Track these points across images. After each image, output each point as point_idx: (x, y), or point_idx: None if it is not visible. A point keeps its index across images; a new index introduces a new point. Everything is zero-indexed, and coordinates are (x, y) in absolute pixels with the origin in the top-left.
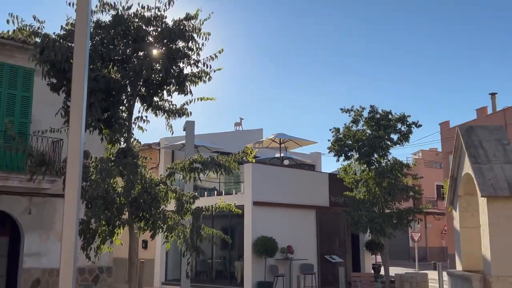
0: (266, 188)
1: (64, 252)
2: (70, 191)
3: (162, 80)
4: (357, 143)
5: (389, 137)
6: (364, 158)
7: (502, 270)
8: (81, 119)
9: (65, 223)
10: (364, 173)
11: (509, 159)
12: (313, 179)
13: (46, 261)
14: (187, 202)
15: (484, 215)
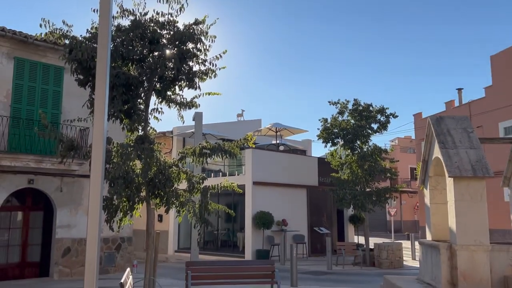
0: (264, 170)
1: (90, 224)
2: (95, 172)
3: (174, 77)
4: (342, 131)
5: (370, 126)
6: (348, 144)
7: (465, 240)
8: (104, 110)
9: (91, 200)
10: (348, 157)
11: (473, 145)
12: (304, 162)
13: (75, 232)
14: (197, 182)
15: (451, 193)
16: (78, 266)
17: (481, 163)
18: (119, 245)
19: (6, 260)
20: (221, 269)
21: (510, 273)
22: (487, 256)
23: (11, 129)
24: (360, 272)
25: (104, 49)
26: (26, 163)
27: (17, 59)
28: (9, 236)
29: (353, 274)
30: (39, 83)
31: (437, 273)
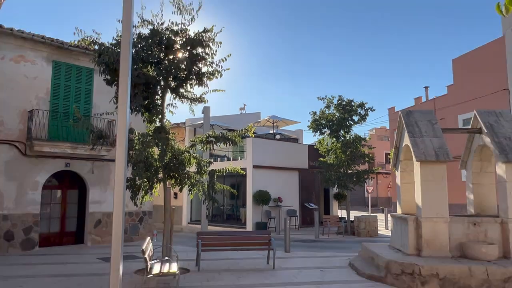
0: (262, 156)
1: (116, 200)
2: (119, 157)
3: (186, 77)
4: (328, 122)
5: (351, 119)
6: (334, 133)
7: (429, 213)
8: (126, 105)
9: (116, 180)
10: (334, 144)
11: (436, 134)
12: (297, 149)
13: (105, 207)
14: (205, 165)
15: (417, 174)
16: (107, 235)
17: (443, 149)
18: (141, 218)
19: (48, 230)
20: (226, 238)
21: (465, 240)
22: (447, 227)
23: (51, 121)
24: (342, 240)
25: (126, 53)
26: (63, 150)
27: (54, 62)
28: (51, 210)
29: (336, 242)
30: (73, 82)
31: (405, 240)
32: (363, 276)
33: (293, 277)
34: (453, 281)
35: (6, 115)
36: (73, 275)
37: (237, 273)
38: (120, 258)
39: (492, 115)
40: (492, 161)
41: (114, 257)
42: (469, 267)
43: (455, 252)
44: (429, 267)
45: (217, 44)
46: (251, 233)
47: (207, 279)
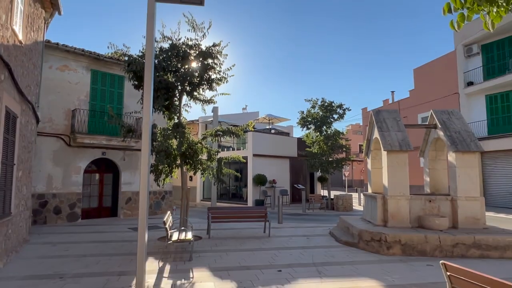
0: (260, 146)
1: (142, 181)
2: (144, 146)
3: (198, 82)
4: (314, 120)
5: (332, 117)
6: (318, 128)
7: (393, 192)
8: (149, 105)
9: (142, 164)
10: (318, 137)
11: (400, 129)
12: (288, 141)
13: (134, 187)
14: (214, 154)
15: (384, 161)
16: (136, 210)
17: (405, 141)
18: (163, 196)
19: (89, 205)
20: (231, 212)
21: (422, 214)
22: (408, 203)
23: (90, 118)
24: (324, 214)
25: (149, 63)
26: (99, 141)
27: (92, 70)
28: (91, 190)
29: (319, 215)
30: (108, 87)
31: (374, 214)
32: (341, 242)
33: (284, 243)
34: (412, 246)
35: (54, 113)
36: (108, 241)
37: (240, 240)
38: (145, 228)
39: (445, 113)
40: (445, 151)
41: (141, 227)
42: (425, 235)
43: (414, 223)
44: (393, 235)
45: (224, 56)
46: (251, 208)
47: (216, 244)
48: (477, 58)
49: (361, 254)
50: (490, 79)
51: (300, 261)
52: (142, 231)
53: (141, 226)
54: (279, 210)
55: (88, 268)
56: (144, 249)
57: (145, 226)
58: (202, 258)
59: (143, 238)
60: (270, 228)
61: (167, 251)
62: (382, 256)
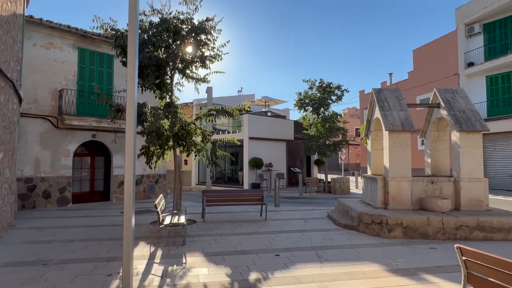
0: (256, 129)
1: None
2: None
3: (191, 60)
4: (311, 101)
5: (330, 98)
6: (315, 110)
7: (395, 174)
8: (134, 76)
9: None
10: (315, 119)
11: (402, 108)
12: (284, 124)
13: None
14: (208, 135)
15: (386, 142)
16: None
17: (408, 121)
18: (157, 180)
19: (80, 189)
20: (226, 195)
21: (424, 195)
22: (409, 185)
23: (78, 99)
24: (321, 197)
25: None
26: (89, 123)
27: (80, 49)
28: (82, 173)
29: (316, 198)
30: (96, 66)
31: (374, 196)
32: (339, 226)
33: (281, 226)
34: (414, 229)
35: (40, 93)
36: (99, 225)
37: (236, 224)
38: (132, 211)
39: (449, 92)
40: (447, 131)
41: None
42: (428, 218)
43: (415, 205)
44: (394, 217)
45: (217, 31)
46: (247, 191)
47: (210, 228)
48: (479, 38)
49: (361, 237)
50: (491, 60)
51: (299, 245)
52: (129, 214)
53: (127, 209)
54: (276, 193)
55: (75, 253)
56: (130, 234)
57: (131, 209)
58: (196, 243)
59: (130, 222)
60: (266, 212)
61: (159, 236)
62: (383, 239)
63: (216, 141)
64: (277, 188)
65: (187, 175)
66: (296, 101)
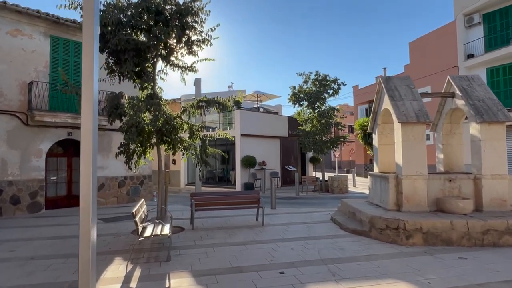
0: (249, 126)
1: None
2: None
3: (176, 44)
4: (306, 95)
5: (327, 92)
6: (311, 105)
7: (409, 171)
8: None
9: (82, 142)
10: (311, 114)
11: (415, 97)
12: (278, 120)
13: (108, 172)
14: (197, 130)
15: (398, 135)
16: (111, 197)
17: (422, 111)
18: (142, 181)
19: (56, 193)
20: (218, 198)
21: (441, 195)
22: (425, 183)
23: (51, 93)
24: (319, 197)
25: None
26: (64, 120)
27: (52, 37)
28: (58, 175)
29: (314, 198)
30: (72, 56)
31: (385, 197)
32: (347, 231)
33: (282, 233)
34: (436, 235)
35: (6, 86)
36: (70, 237)
37: (229, 231)
38: (91, 221)
39: (465, 80)
40: (460, 124)
41: (84, 221)
42: (451, 221)
43: (432, 206)
44: (413, 221)
45: (206, 13)
46: (241, 193)
47: (201, 237)
48: (479, 28)
49: (375, 245)
50: (492, 51)
51: (305, 257)
52: (87, 226)
53: (85, 220)
54: (272, 194)
55: (31, 277)
56: (90, 254)
57: (90, 219)
58: (183, 257)
59: (89, 237)
60: (264, 216)
61: (140, 249)
62: (401, 247)
63: (206, 137)
64: (273, 188)
65: (175, 175)
66: (290, 95)
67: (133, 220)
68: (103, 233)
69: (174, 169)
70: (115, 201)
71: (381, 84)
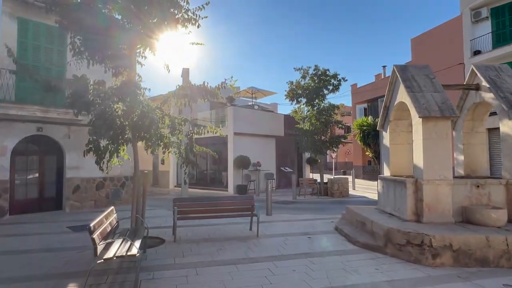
0: (242, 124)
1: None
2: None
3: (158, 24)
4: (304, 91)
5: (326, 87)
6: (310, 101)
7: (431, 175)
8: None
9: None
10: (309, 112)
11: (436, 89)
12: (274, 118)
13: (84, 172)
14: (179, 123)
15: (418, 132)
16: (88, 200)
17: (447, 104)
18: (123, 183)
19: (25, 196)
20: (205, 204)
21: (467, 203)
22: (450, 189)
23: (18, 83)
24: (318, 201)
25: None
26: (32, 113)
27: (20, 19)
28: (27, 176)
29: (313, 203)
30: (43, 42)
31: (401, 205)
32: (357, 245)
33: (280, 247)
34: (469, 253)
35: None
36: (23, 251)
37: (218, 244)
38: None
39: (492, 69)
40: (484, 121)
41: None
42: (487, 237)
43: (457, 217)
44: (441, 237)
45: None
46: (232, 198)
47: (182, 253)
48: (486, 23)
49: (395, 265)
50: (500, 47)
51: (311, 284)
52: None
53: None
54: (268, 199)
55: None
56: None
57: None
58: (156, 284)
59: None
60: (258, 225)
61: (104, 270)
62: (427, 268)
63: (192, 132)
64: (269, 192)
65: (164, 176)
66: (287, 91)
67: (90, 237)
68: (66, 247)
69: (163, 170)
70: (92, 205)
71: (395, 74)
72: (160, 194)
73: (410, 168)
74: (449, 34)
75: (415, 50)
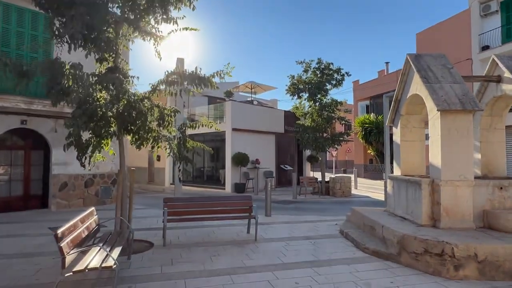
0: (241, 119)
1: None
2: None
3: (147, 4)
4: (306, 86)
5: (330, 82)
6: (312, 96)
7: (450, 175)
8: None
9: None
10: (311, 108)
11: (456, 80)
12: (273, 114)
13: (71, 169)
14: (168, 115)
15: (434, 128)
16: (75, 199)
17: (468, 96)
18: (114, 180)
19: (9, 193)
20: (199, 205)
21: (489, 207)
22: (471, 192)
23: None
24: (319, 200)
25: None
26: (15, 104)
27: (2, 3)
28: (11, 172)
29: (314, 203)
30: (27, 29)
31: (415, 208)
32: (366, 252)
33: (281, 254)
34: (496, 264)
35: None
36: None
37: (212, 249)
38: None
39: None
40: (504, 117)
41: None
42: None
43: (477, 222)
44: (464, 246)
45: None
46: (229, 198)
47: (171, 261)
48: (495, 17)
49: (411, 278)
50: (510, 42)
51: None
52: None
53: None
54: (267, 198)
55: None
56: None
57: None
58: None
59: None
60: (257, 228)
61: (80, 281)
62: (449, 282)
63: (184, 125)
64: (269, 192)
65: (160, 173)
66: (288, 86)
67: (57, 245)
68: (42, 251)
69: (158, 166)
70: (81, 203)
71: (408, 63)
72: (155, 192)
73: (422, 168)
74: (456, 28)
75: (421, 45)
